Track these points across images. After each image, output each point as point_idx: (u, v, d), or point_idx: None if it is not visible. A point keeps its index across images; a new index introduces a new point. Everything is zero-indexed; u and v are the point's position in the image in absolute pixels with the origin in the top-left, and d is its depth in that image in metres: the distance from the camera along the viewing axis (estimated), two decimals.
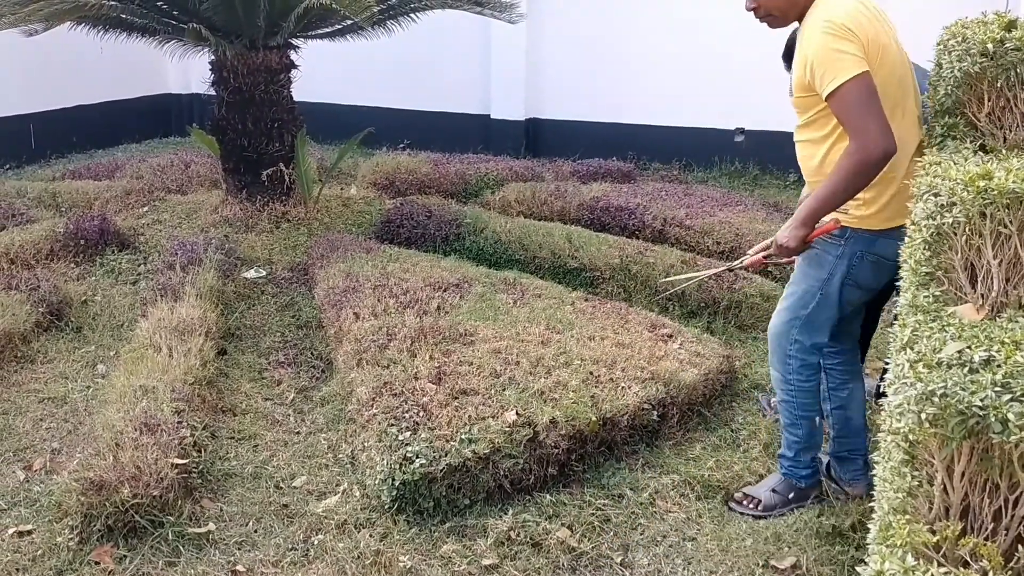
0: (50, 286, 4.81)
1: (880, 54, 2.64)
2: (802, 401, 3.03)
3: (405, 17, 6.17)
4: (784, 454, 3.16)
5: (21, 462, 3.49)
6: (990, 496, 1.57)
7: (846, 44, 2.57)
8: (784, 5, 2.78)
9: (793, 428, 3.09)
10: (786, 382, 3.03)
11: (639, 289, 4.99)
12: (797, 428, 3.08)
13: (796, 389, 3.02)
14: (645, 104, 8.30)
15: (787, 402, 3.06)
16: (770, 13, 2.81)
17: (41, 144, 8.69)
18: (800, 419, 3.06)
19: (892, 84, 2.68)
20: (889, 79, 2.67)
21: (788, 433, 3.11)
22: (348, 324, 4.16)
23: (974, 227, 1.93)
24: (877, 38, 2.65)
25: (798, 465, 3.13)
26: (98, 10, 5.13)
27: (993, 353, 1.61)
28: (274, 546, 2.96)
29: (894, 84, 2.70)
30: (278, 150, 5.94)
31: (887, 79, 2.65)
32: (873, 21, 2.67)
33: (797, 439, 3.09)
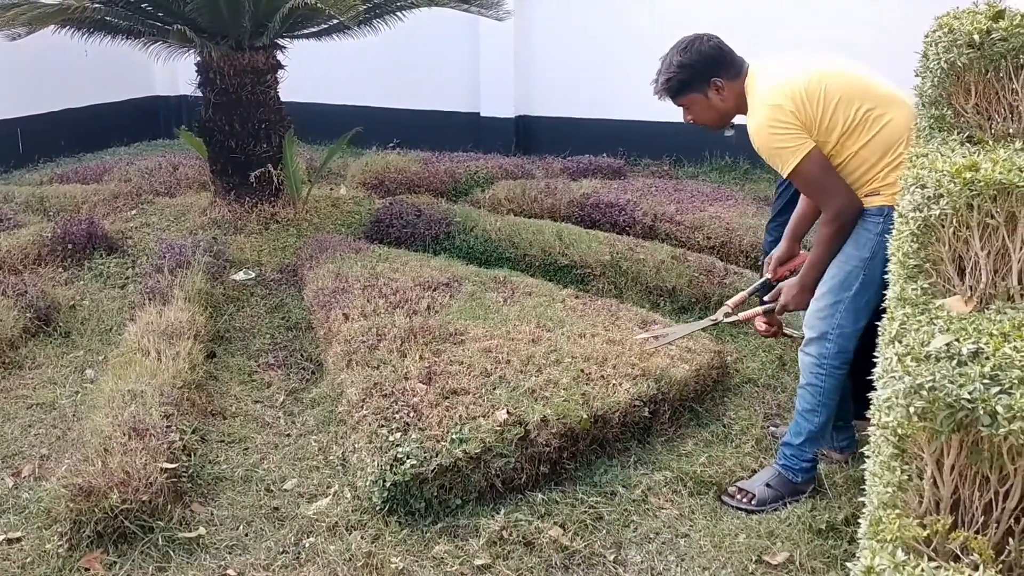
0: (38, 291, 4.78)
1: (823, 101, 2.84)
2: (830, 387, 3.04)
3: (391, 16, 6.15)
4: (789, 442, 3.15)
5: (9, 469, 3.46)
6: (980, 489, 1.56)
7: (784, 135, 2.84)
8: (716, 118, 3.11)
9: (811, 415, 3.08)
10: (819, 366, 3.02)
11: (630, 286, 4.98)
12: (815, 415, 3.08)
13: (827, 375, 3.02)
14: (635, 100, 8.19)
15: (814, 386, 3.05)
16: (704, 124, 3.16)
17: (29, 148, 8.64)
18: (822, 406, 3.06)
19: (856, 100, 2.85)
20: (852, 101, 2.85)
21: (803, 419, 3.11)
22: (338, 325, 4.14)
23: (961, 219, 1.92)
24: (812, 92, 2.84)
25: (800, 456, 3.13)
26: (81, 12, 5.11)
27: (981, 345, 1.60)
28: (265, 549, 2.94)
29: (859, 97, 2.87)
30: (266, 151, 5.92)
31: (849, 101, 2.84)
32: (801, 79, 2.86)
33: (812, 427, 3.09)
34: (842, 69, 2.95)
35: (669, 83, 3.05)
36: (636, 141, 8.29)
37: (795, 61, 2.98)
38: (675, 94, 3.07)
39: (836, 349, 2.99)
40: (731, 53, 3.05)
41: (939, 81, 2.50)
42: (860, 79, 2.94)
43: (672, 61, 3.03)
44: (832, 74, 2.88)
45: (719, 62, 3.01)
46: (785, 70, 2.93)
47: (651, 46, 8.14)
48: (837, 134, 2.84)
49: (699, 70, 3.00)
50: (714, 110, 3.06)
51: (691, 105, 3.08)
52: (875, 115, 2.84)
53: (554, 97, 8.72)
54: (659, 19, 8.05)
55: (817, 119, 2.84)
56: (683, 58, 3.01)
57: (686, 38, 3.07)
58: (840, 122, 2.84)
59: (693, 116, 3.13)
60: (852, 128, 2.83)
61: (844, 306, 2.95)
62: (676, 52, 3.04)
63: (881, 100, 2.87)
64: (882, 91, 2.92)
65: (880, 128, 2.83)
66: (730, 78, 3.01)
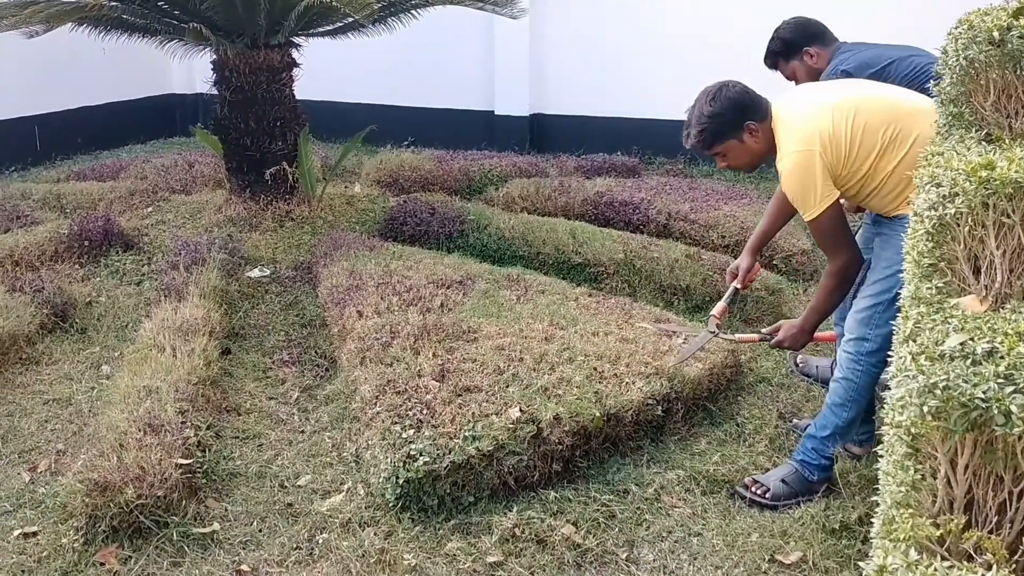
0: (54, 287, 4.82)
1: (849, 135, 2.90)
2: (864, 383, 3.06)
3: (406, 14, 6.15)
4: (814, 434, 3.16)
5: (26, 464, 3.49)
6: (994, 489, 1.55)
7: (813, 182, 2.89)
8: (751, 161, 3.14)
9: (840, 409, 3.11)
10: (856, 362, 3.05)
11: (643, 284, 4.97)
12: (844, 410, 3.10)
13: (864, 371, 3.05)
14: (649, 98, 8.27)
15: (848, 381, 3.08)
16: (740, 167, 3.19)
17: (46, 146, 8.69)
18: (852, 401, 3.09)
19: (882, 124, 2.91)
20: (878, 126, 2.91)
21: (831, 412, 3.13)
22: (352, 322, 4.15)
23: (977, 218, 1.91)
24: (838, 131, 2.90)
25: (820, 452, 3.14)
26: (98, 11, 5.14)
27: (996, 345, 1.59)
28: (279, 545, 2.96)
29: (884, 121, 2.92)
30: (281, 149, 5.94)
31: (876, 127, 2.91)
32: (827, 120, 2.91)
33: (840, 421, 3.11)
34: (861, 94, 3.02)
35: (703, 134, 3.07)
36: (650, 139, 8.28)
37: (814, 97, 3.06)
38: (711, 144, 3.09)
39: (874, 348, 3.02)
40: (756, 95, 3.10)
41: (958, 79, 2.48)
42: (881, 100, 3.00)
43: (702, 112, 3.06)
44: (854, 103, 2.94)
45: (748, 106, 3.05)
46: (809, 110, 2.99)
47: (665, 45, 8.20)
48: (871, 161, 2.91)
49: (731, 117, 3.04)
50: (749, 153, 3.10)
51: (727, 152, 3.11)
52: (903, 134, 2.89)
53: (568, 95, 8.71)
54: (673, 18, 8.05)
55: (845, 154, 2.91)
56: (713, 107, 3.04)
57: (710, 88, 3.09)
58: (871, 149, 2.90)
59: (728, 162, 3.15)
60: (884, 151, 2.90)
61: (884, 307, 2.98)
62: (704, 103, 3.06)
63: (905, 116, 2.92)
64: (905, 107, 2.97)
65: (910, 144, 2.87)
66: (760, 119, 3.05)
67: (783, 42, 4.05)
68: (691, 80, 8.01)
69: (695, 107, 3.10)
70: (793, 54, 4.03)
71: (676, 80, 8.04)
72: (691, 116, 3.10)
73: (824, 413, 3.17)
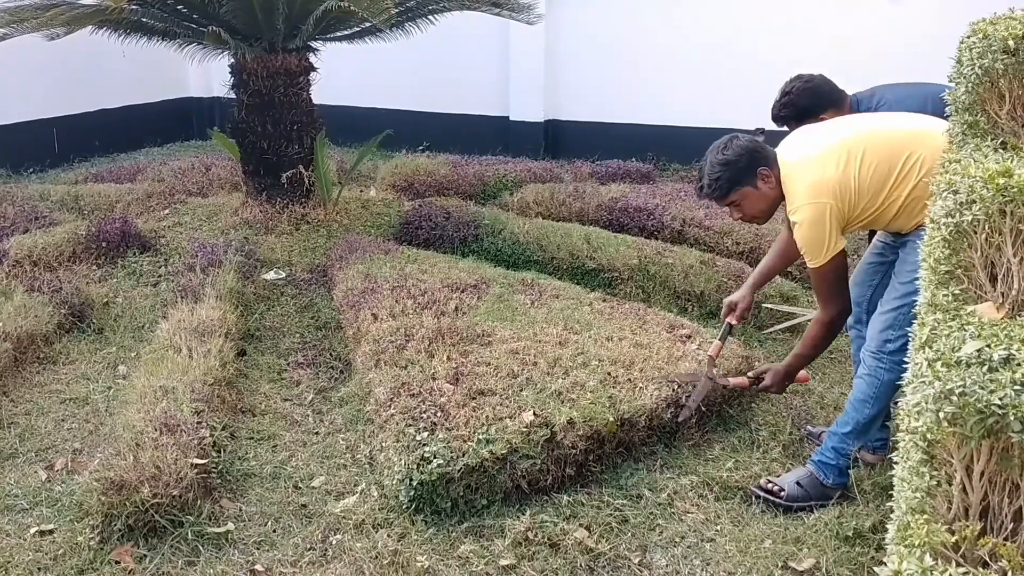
0: (72, 288, 4.86)
1: (858, 180, 2.91)
2: (887, 380, 3.04)
3: (423, 19, 6.18)
4: (836, 431, 3.16)
5: (43, 462, 3.52)
6: (1010, 496, 1.55)
7: (825, 232, 2.92)
8: (766, 208, 3.14)
9: (863, 405, 3.10)
10: (879, 360, 3.05)
11: (658, 290, 4.98)
12: (867, 406, 3.09)
13: (887, 368, 3.03)
14: (664, 105, 8.28)
15: (872, 376, 3.07)
16: (754, 218, 3.19)
17: (64, 148, 8.77)
18: (875, 398, 3.08)
19: (888, 159, 2.92)
20: (884, 161, 2.92)
21: (854, 409, 3.12)
22: (366, 325, 4.17)
23: (994, 225, 1.91)
24: (847, 177, 2.91)
25: (839, 450, 3.13)
26: (119, 14, 5.18)
27: (1013, 352, 1.59)
28: (292, 546, 2.97)
29: (889, 155, 2.93)
30: (297, 152, 5.97)
31: (882, 163, 2.92)
32: (838, 169, 2.92)
33: (861, 417, 3.10)
34: (867, 130, 3.04)
35: (719, 183, 3.06)
36: (665, 146, 8.28)
37: (819, 141, 3.04)
38: (726, 193, 3.08)
39: (898, 347, 3.01)
40: (763, 144, 3.10)
41: (973, 87, 2.48)
42: (889, 133, 3.02)
43: (715, 161, 3.06)
44: (862, 142, 2.95)
45: (759, 152, 3.06)
46: (817, 156, 2.98)
47: (680, 51, 8.20)
48: (885, 194, 2.93)
49: (745, 163, 3.04)
50: (765, 200, 3.10)
51: (742, 200, 3.10)
52: (912, 162, 2.91)
53: (583, 101, 8.72)
54: (688, 24, 8.05)
55: (856, 198, 2.93)
56: (726, 155, 3.05)
57: (719, 141, 3.11)
58: (884, 184, 2.92)
59: (743, 211, 3.14)
60: (898, 182, 2.91)
61: (908, 309, 2.96)
62: (715, 153, 3.07)
63: (910, 144, 2.93)
64: (906, 134, 2.99)
65: (920, 169, 2.88)
66: (770, 165, 3.05)
67: (797, 108, 3.85)
68: (706, 87, 8.08)
69: (706, 159, 3.10)
70: (808, 119, 3.74)
71: (691, 86, 8.09)
72: (703, 167, 3.10)
73: (846, 410, 3.17)
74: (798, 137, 3.16)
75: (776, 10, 7.66)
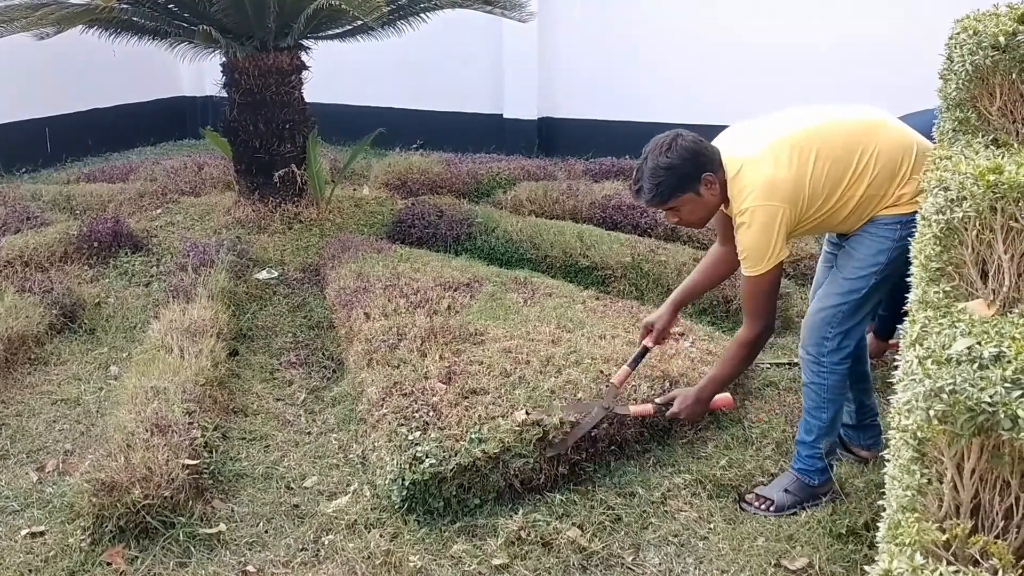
0: (64, 288, 4.84)
1: (812, 181, 2.77)
2: (833, 383, 3.00)
3: (415, 17, 6.16)
4: (803, 439, 3.11)
5: (34, 463, 3.50)
6: (1001, 494, 1.55)
7: (773, 238, 2.76)
8: (705, 216, 2.96)
9: (818, 412, 3.05)
10: (818, 364, 2.98)
11: (651, 288, 4.97)
12: (822, 411, 3.04)
13: (829, 372, 2.98)
14: (658, 102, 8.26)
15: (817, 384, 3.01)
16: (692, 224, 3.02)
17: (56, 147, 8.74)
18: (828, 402, 3.03)
19: (844, 158, 2.80)
20: (840, 159, 2.79)
21: (811, 417, 3.07)
22: (359, 324, 4.16)
23: (985, 222, 1.91)
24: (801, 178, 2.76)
25: (815, 455, 3.09)
26: (109, 13, 5.17)
27: (1003, 349, 1.59)
28: (285, 546, 2.96)
29: (845, 154, 2.80)
30: (290, 151, 5.95)
31: (840, 165, 2.79)
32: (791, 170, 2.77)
33: (821, 423, 3.05)
34: (816, 125, 2.87)
35: (659, 189, 2.82)
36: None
37: (766, 137, 2.85)
38: (667, 199, 2.85)
39: (835, 346, 2.95)
40: (709, 145, 2.89)
41: (964, 84, 2.48)
42: (834, 128, 2.87)
43: (657, 164, 2.81)
44: (813, 143, 2.80)
45: (704, 155, 2.84)
46: (766, 155, 2.80)
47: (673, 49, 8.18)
48: (836, 197, 2.81)
49: (689, 169, 2.81)
50: (705, 207, 2.90)
51: (682, 206, 2.89)
52: (867, 157, 2.79)
53: (577, 99, 8.71)
54: (682, 22, 8.04)
55: (807, 204, 2.79)
56: (670, 159, 2.80)
57: (661, 140, 2.85)
58: (838, 184, 2.80)
59: (681, 217, 2.93)
60: (852, 183, 2.80)
61: (848, 307, 2.92)
62: (657, 154, 2.82)
63: (863, 139, 2.82)
64: (859, 126, 2.87)
65: (876, 163, 2.79)
66: (715, 169, 2.85)
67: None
68: (700, 83, 8.07)
69: (646, 159, 2.84)
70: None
71: (684, 84, 8.09)
72: (642, 169, 2.84)
73: (804, 419, 3.11)
74: (740, 132, 2.97)
75: (771, 7, 7.65)
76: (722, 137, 2.98)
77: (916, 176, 2.77)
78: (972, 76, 2.44)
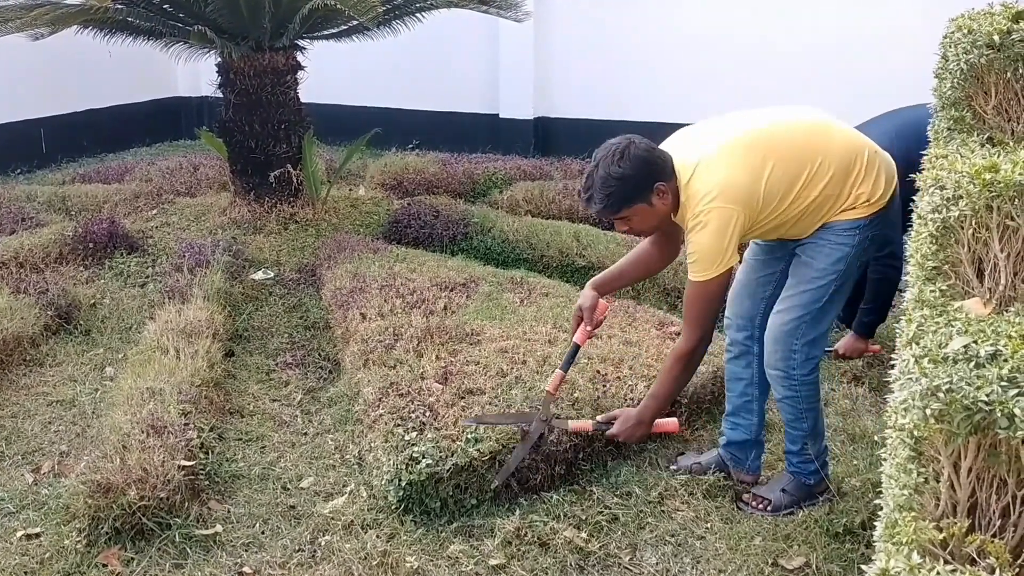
0: (59, 289, 4.83)
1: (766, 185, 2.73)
2: (806, 395, 2.97)
3: (411, 17, 6.16)
4: (790, 449, 3.11)
5: (29, 465, 3.49)
6: (998, 493, 1.54)
7: (726, 242, 2.70)
8: (656, 225, 2.91)
9: (798, 423, 3.02)
10: (789, 378, 2.94)
11: (647, 287, 4.97)
12: (802, 422, 3.01)
13: (800, 384, 2.94)
14: (653, 102, 8.26)
15: (791, 398, 2.98)
16: (642, 232, 2.98)
17: (52, 148, 8.71)
18: (806, 412, 3.00)
19: (795, 161, 2.75)
20: (790, 162, 2.75)
21: (792, 429, 3.05)
22: (355, 325, 4.15)
23: (981, 220, 1.91)
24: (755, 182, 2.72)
25: (805, 459, 3.08)
26: (103, 13, 5.16)
27: (1000, 348, 1.59)
28: (281, 547, 2.95)
29: (796, 156, 2.76)
30: (285, 151, 5.95)
31: (792, 171, 2.75)
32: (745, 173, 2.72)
33: (803, 432, 3.03)
34: (763, 128, 2.84)
35: (611, 199, 2.76)
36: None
37: (718, 138, 2.82)
38: (618, 209, 2.79)
39: (803, 359, 2.90)
40: (662, 152, 2.83)
41: (959, 83, 2.48)
42: (785, 130, 2.84)
43: (609, 173, 2.74)
44: (765, 148, 2.76)
45: (656, 164, 2.78)
46: (720, 158, 2.75)
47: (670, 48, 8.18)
48: (787, 203, 2.77)
49: (640, 178, 2.75)
50: (657, 216, 2.83)
51: (633, 216, 2.82)
52: (820, 157, 2.75)
53: (573, 99, 8.70)
54: (678, 21, 8.04)
55: (763, 204, 2.74)
56: (622, 169, 2.74)
57: (614, 147, 2.79)
58: (787, 192, 2.75)
59: (631, 226, 2.87)
60: (809, 180, 2.75)
61: (811, 317, 2.86)
62: (609, 163, 2.75)
63: (814, 139, 2.80)
64: (809, 129, 2.84)
65: (830, 163, 2.76)
66: (668, 178, 2.78)
67: None
68: (696, 83, 8.07)
69: (598, 167, 2.77)
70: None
71: (680, 83, 8.08)
72: (593, 177, 2.78)
73: (787, 432, 3.08)
74: (690, 136, 2.92)
75: (767, 6, 7.65)
76: (671, 142, 2.93)
77: (870, 176, 2.77)
78: (967, 75, 2.45)
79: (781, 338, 2.91)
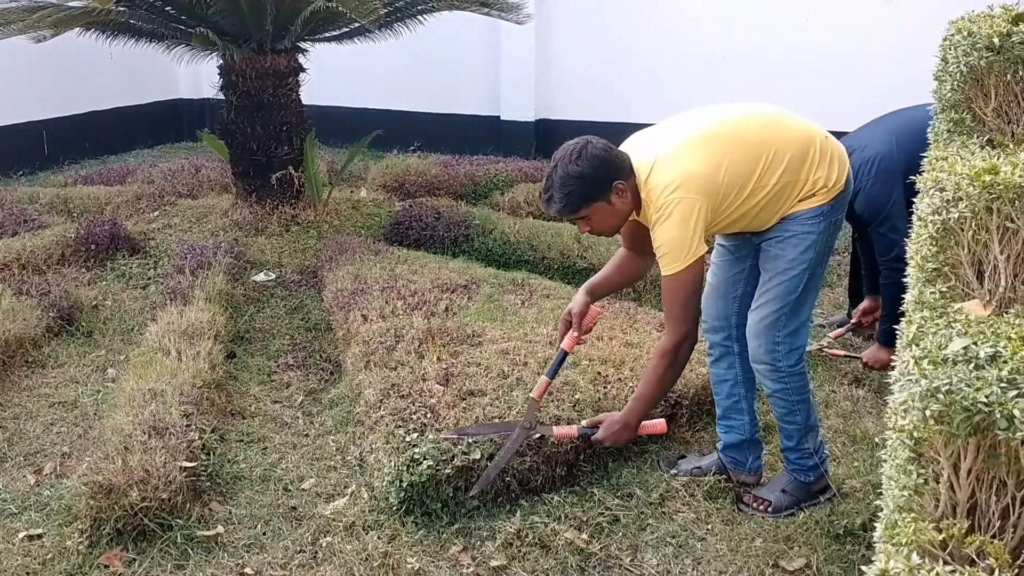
0: (61, 291, 4.84)
1: (727, 178, 2.74)
2: (796, 386, 2.97)
3: (412, 19, 6.18)
4: (787, 446, 3.11)
5: (31, 466, 3.50)
6: (997, 494, 1.55)
7: (692, 232, 2.69)
8: (617, 224, 2.90)
9: (791, 416, 3.02)
10: (776, 371, 2.94)
11: (648, 289, 4.97)
12: (795, 415, 3.01)
13: (788, 375, 2.94)
14: (654, 104, 8.24)
15: (781, 391, 2.97)
16: (603, 232, 2.94)
17: (54, 150, 8.74)
18: (797, 404, 3.00)
19: (752, 152, 2.77)
20: (747, 153, 2.77)
21: (786, 423, 3.05)
22: (356, 326, 4.16)
23: (980, 222, 1.91)
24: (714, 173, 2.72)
25: (802, 455, 3.08)
26: (106, 16, 5.16)
27: (999, 349, 1.59)
28: (282, 548, 2.96)
29: (754, 149, 2.78)
30: (287, 153, 5.96)
31: (749, 161, 2.76)
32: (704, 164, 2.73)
33: (798, 425, 3.03)
34: (720, 124, 2.85)
35: (570, 198, 2.77)
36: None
37: (675, 135, 2.83)
38: (577, 208, 2.79)
39: (787, 350, 2.91)
40: (620, 152, 2.83)
41: (958, 85, 2.48)
42: (740, 123, 2.86)
43: (567, 173, 2.75)
44: (720, 142, 2.78)
45: (614, 162, 2.78)
46: (679, 152, 2.76)
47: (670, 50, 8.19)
48: (754, 181, 2.77)
49: (599, 177, 2.76)
50: (616, 215, 2.84)
51: (593, 215, 2.82)
52: (775, 144, 2.78)
53: (574, 101, 8.72)
54: (679, 23, 8.06)
55: (724, 195, 2.75)
56: (580, 167, 2.74)
57: (571, 147, 2.80)
58: (745, 183, 2.76)
59: (592, 226, 2.87)
60: (766, 167, 2.76)
61: (789, 308, 2.88)
62: (567, 163, 2.76)
63: (769, 128, 2.83)
64: (763, 120, 2.87)
65: (785, 149, 2.78)
66: (626, 176, 2.78)
67: None
68: (696, 85, 8.07)
69: (556, 167, 2.78)
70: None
71: (680, 85, 8.08)
72: (553, 177, 2.79)
73: (781, 427, 3.08)
74: (646, 136, 2.93)
75: (767, 8, 7.66)
76: (629, 143, 2.94)
77: (824, 161, 2.81)
78: (967, 77, 2.45)
79: (763, 332, 2.92)
